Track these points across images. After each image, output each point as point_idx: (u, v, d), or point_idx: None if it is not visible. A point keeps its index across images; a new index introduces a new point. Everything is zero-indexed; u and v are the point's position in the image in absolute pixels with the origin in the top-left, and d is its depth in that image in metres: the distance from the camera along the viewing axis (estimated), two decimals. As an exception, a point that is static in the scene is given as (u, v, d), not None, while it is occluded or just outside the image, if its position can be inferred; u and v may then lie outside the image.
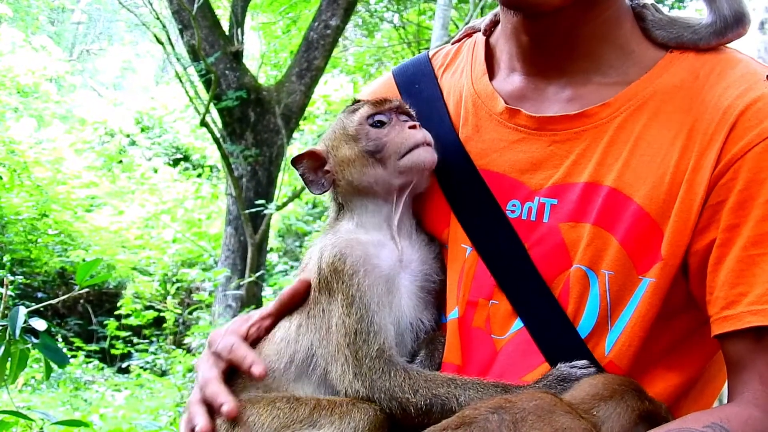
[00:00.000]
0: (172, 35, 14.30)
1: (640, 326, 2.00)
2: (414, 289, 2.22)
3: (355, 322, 2.08)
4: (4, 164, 18.94)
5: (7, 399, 4.69)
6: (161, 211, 20.48)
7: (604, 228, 2.03)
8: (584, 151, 2.10)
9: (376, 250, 2.19)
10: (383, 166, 2.23)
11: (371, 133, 2.26)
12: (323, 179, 2.33)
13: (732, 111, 1.97)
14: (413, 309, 2.21)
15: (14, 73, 24.60)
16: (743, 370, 1.93)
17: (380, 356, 2.06)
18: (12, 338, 3.02)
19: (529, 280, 2.11)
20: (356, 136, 2.28)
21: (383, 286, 2.14)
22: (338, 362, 2.09)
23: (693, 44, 2.13)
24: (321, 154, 2.33)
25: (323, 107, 21.10)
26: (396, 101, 2.31)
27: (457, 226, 2.23)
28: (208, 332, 12.59)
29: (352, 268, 2.12)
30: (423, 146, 2.21)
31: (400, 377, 2.03)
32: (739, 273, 1.91)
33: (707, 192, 1.96)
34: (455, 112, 2.33)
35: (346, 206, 2.31)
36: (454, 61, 2.45)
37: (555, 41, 2.17)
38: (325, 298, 2.15)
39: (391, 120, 2.27)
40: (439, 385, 2.01)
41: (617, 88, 2.13)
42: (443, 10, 9.84)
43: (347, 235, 2.22)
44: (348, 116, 2.33)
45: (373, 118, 2.28)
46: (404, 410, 2.01)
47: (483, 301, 2.16)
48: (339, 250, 2.16)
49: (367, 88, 2.58)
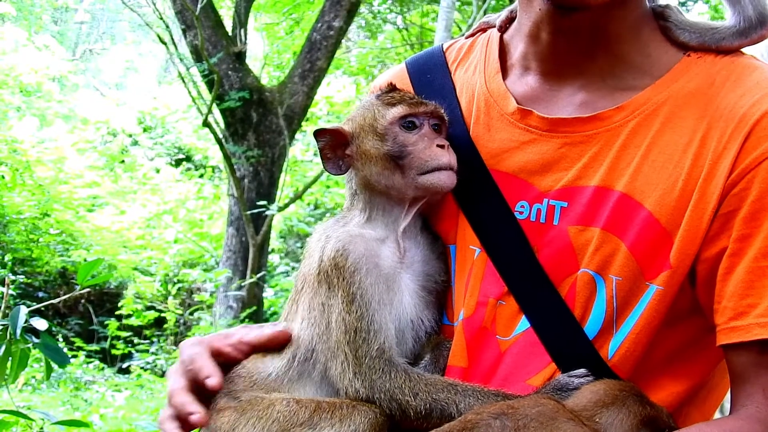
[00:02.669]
0: (175, 35, 14.34)
1: (644, 332, 1.99)
2: (415, 288, 2.20)
3: (355, 320, 2.07)
4: (7, 163, 18.96)
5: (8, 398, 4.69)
6: (163, 211, 20.48)
7: (613, 233, 2.02)
8: (596, 155, 2.08)
9: (378, 248, 2.18)
10: (402, 174, 2.19)
11: (399, 136, 2.20)
12: (342, 161, 2.28)
13: (748, 119, 1.95)
14: (414, 307, 2.19)
15: (17, 72, 24.60)
16: (747, 382, 1.93)
17: (380, 356, 2.05)
18: (13, 337, 3.02)
19: (537, 282, 2.09)
20: (384, 135, 2.21)
21: (384, 285, 2.13)
22: (338, 359, 2.08)
23: (715, 45, 2.11)
24: (346, 135, 2.27)
25: (326, 108, 21.11)
26: (431, 105, 2.23)
27: (466, 227, 2.21)
28: (209, 333, 12.60)
29: (353, 265, 2.11)
30: (446, 170, 2.16)
31: (400, 379, 2.02)
32: (749, 284, 1.90)
33: (720, 200, 1.94)
34: (467, 109, 2.30)
35: (359, 194, 2.27)
36: (468, 57, 2.42)
37: (579, 39, 2.13)
38: (325, 291, 2.14)
39: (423, 125, 2.21)
40: (440, 390, 2.01)
41: (631, 92, 2.10)
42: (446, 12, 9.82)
43: (353, 230, 2.20)
44: (381, 109, 2.25)
45: (406, 119, 2.22)
46: (404, 412, 2.00)
47: (492, 301, 2.14)
48: (342, 245, 2.14)
49: (381, 78, 2.54)
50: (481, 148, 2.23)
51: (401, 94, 2.27)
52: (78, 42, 34.33)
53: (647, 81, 2.11)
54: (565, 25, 2.11)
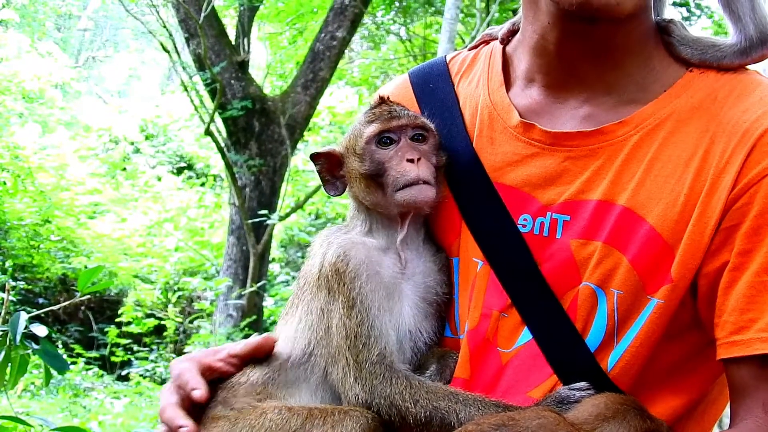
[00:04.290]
0: (178, 44, 14.37)
1: (644, 345, 1.99)
2: (415, 299, 2.21)
3: (356, 326, 2.07)
4: (8, 169, 18.97)
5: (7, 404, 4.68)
6: (164, 219, 20.48)
7: (615, 247, 2.02)
8: (599, 169, 2.08)
9: (380, 257, 2.18)
10: (383, 192, 2.20)
11: (375, 154, 2.21)
12: (338, 181, 2.30)
13: (751, 134, 1.96)
14: (413, 318, 2.19)
15: (20, 79, 24.64)
16: (747, 396, 1.93)
17: (381, 361, 2.05)
18: (12, 343, 3.02)
19: (541, 295, 2.09)
20: (362, 155, 2.23)
21: (384, 292, 2.13)
22: (339, 364, 2.09)
23: (716, 62, 2.12)
24: (338, 157, 2.30)
25: (328, 118, 21.11)
26: (406, 117, 2.23)
27: (469, 239, 2.21)
28: (208, 341, 12.59)
29: (354, 271, 2.12)
30: (417, 185, 2.15)
31: (401, 385, 2.02)
32: (750, 299, 1.90)
33: (722, 215, 1.94)
34: (470, 122, 2.30)
35: (358, 208, 2.29)
36: (471, 69, 2.42)
37: (587, 52, 2.13)
38: (324, 296, 2.15)
39: (400, 139, 2.21)
40: (441, 398, 2.00)
41: (634, 106, 2.11)
42: (450, 24, 9.83)
43: (356, 237, 2.21)
44: (360, 128, 2.27)
45: (382, 136, 2.22)
46: (403, 419, 2.00)
47: (495, 313, 2.14)
48: (343, 251, 2.15)
49: (384, 89, 2.54)
50: (485, 160, 2.23)
51: (381, 110, 2.27)
52: (81, 49, 34.41)
53: (650, 95, 2.11)
54: (573, 38, 2.11)
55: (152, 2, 14.58)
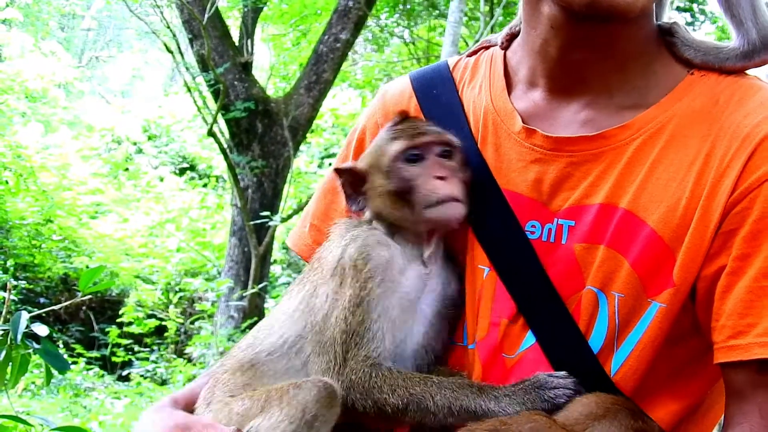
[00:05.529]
0: (181, 44, 14.38)
1: (648, 349, 2.00)
2: (430, 317, 2.21)
3: (356, 324, 2.08)
4: (11, 168, 18.97)
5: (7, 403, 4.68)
6: (166, 219, 20.47)
7: (616, 250, 2.03)
8: (602, 173, 2.08)
9: (404, 264, 2.18)
10: (411, 209, 2.17)
11: (402, 171, 2.18)
12: (360, 198, 2.28)
13: (751, 139, 1.96)
14: (422, 336, 2.20)
15: (23, 78, 24.63)
16: (744, 400, 1.93)
17: (365, 361, 2.06)
18: (13, 343, 3.02)
19: (549, 301, 2.09)
20: (389, 172, 2.20)
21: (396, 302, 2.13)
22: (327, 356, 2.10)
23: (719, 63, 2.12)
24: (361, 174, 2.27)
25: (331, 120, 21.13)
26: (433, 134, 2.20)
27: (475, 246, 2.20)
28: (209, 342, 12.60)
29: (370, 271, 2.11)
30: (448, 202, 2.14)
31: (380, 378, 2.04)
32: (748, 303, 1.90)
33: (721, 218, 1.95)
34: (475, 129, 2.29)
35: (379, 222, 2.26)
36: (474, 75, 2.40)
37: (591, 56, 2.12)
38: (335, 285, 2.14)
39: (428, 156, 2.19)
40: (416, 383, 2.03)
41: (636, 110, 2.11)
42: (453, 27, 9.86)
43: (381, 237, 2.20)
44: (385, 145, 2.24)
45: (408, 152, 2.19)
46: (380, 409, 2.03)
47: (505, 321, 2.14)
48: (366, 249, 2.15)
49: (384, 89, 2.52)
50: (491, 167, 2.22)
51: (405, 125, 2.25)
52: (84, 49, 34.41)
53: (652, 99, 2.11)
54: (578, 40, 2.10)
55: (156, 3, 14.61)
